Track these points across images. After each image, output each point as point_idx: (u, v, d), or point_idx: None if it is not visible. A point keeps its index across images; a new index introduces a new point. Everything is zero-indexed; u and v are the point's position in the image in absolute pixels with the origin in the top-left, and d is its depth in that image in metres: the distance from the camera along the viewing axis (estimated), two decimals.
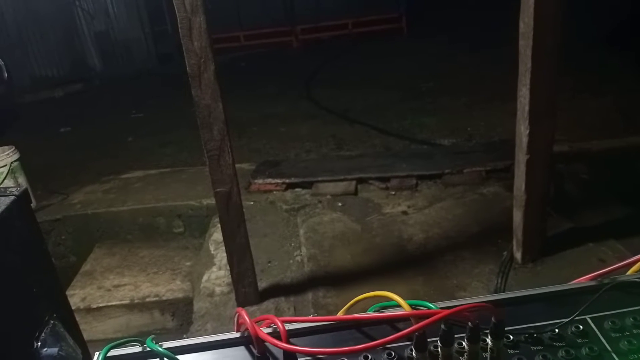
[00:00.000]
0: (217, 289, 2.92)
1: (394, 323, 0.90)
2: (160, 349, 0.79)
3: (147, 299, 3.37)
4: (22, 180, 4.27)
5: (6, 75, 7.16)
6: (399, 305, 0.93)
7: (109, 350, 0.81)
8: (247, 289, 2.66)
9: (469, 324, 0.77)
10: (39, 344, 1.69)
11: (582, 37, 5.57)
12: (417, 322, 0.75)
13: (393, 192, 3.63)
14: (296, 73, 7.91)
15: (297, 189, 3.93)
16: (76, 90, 8.91)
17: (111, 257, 3.87)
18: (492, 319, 0.78)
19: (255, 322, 0.82)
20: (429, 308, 0.80)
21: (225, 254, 3.20)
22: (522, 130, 2.46)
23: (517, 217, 2.66)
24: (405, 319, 0.88)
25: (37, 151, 5.46)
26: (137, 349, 0.91)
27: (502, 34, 7.16)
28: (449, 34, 8.11)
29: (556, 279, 2.62)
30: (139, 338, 0.93)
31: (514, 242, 2.75)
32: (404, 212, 3.38)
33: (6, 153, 4.26)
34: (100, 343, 2.17)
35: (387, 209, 3.46)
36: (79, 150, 5.89)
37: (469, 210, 3.29)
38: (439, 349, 0.79)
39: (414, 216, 3.32)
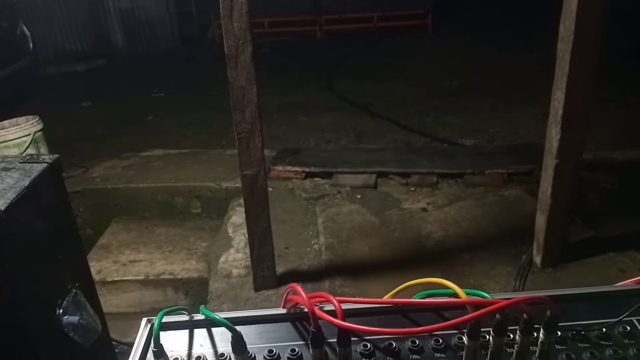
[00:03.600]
0: (235, 271, 2.94)
1: (442, 310, 0.90)
2: (217, 316, 0.80)
3: (162, 276, 3.40)
4: (44, 150, 4.30)
5: (32, 46, 7.22)
6: (446, 294, 0.94)
7: (163, 316, 0.82)
8: (265, 272, 2.68)
9: (524, 315, 0.77)
10: (61, 311, 1.72)
11: (612, 48, 5.53)
12: (474, 311, 0.76)
13: (413, 188, 3.63)
14: (319, 63, 7.90)
15: (316, 179, 3.94)
16: (98, 66, 8.95)
17: (128, 232, 3.90)
18: (547, 313, 0.78)
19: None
20: (484, 297, 0.80)
21: (243, 237, 3.23)
22: (553, 135, 2.44)
23: (540, 221, 2.65)
24: (453, 307, 0.89)
25: (57, 123, 5.47)
26: (184, 317, 0.92)
27: (532, 39, 7.16)
28: (477, 34, 8.06)
29: (575, 286, 2.62)
30: (187, 307, 0.94)
31: (535, 246, 2.74)
32: (424, 209, 3.38)
33: (30, 122, 4.29)
34: (112, 316, 2.18)
35: (407, 204, 3.46)
36: (100, 125, 5.93)
37: (489, 211, 3.28)
38: (491, 338, 0.80)
39: (433, 213, 3.31)
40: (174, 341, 0.88)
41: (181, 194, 3.99)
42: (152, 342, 0.88)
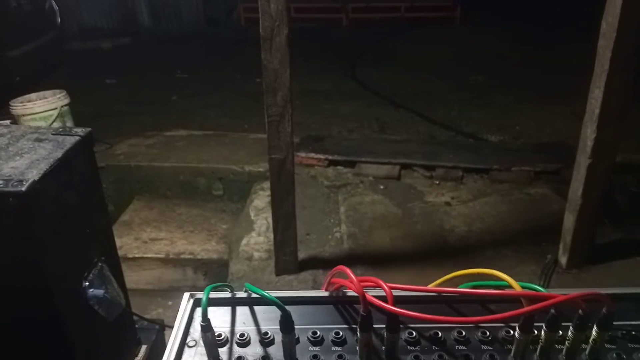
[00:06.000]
0: (256, 254, 2.95)
1: (490, 302, 0.89)
2: (267, 294, 0.79)
3: (182, 256, 3.43)
4: (69, 124, 4.34)
5: (59, 20, 7.26)
6: (492, 286, 0.92)
7: (210, 292, 0.81)
8: (287, 257, 2.68)
9: (580, 312, 0.75)
10: (87, 283, 1.73)
11: None
12: (529, 304, 0.74)
13: (437, 182, 3.60)
14: (343, 52, 7.83)
15: (339, 167, 3.93)
16: (123, 44, 8.96)
17: (149, 210, 3.93)
18: (603, 310, 0.76)
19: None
20: (539, 291, 0.78)
21: (265, 222, 3.24)
22: (589, 134, 2.40)
23: (569, 221, 2.61)
24: (504, 300, 0.87)
25: (82, 99, 5.48)
26: (227, 294, 0.91)
27: (566, 34, 7.02)
28: (507, 28, 7.93)
29: (600, 288, 2.58)
30: (229, 284, 0.94)
31: (561, 246, 2.70)
32: (447, 203, 3.35)
33: (57, 96, 4.33)
34: (132, 293, 2.18)
35: (430, 197, 3.43)
36: (124, 103, 5.95)
37: (514, 208, 3.24)
38: (543, 333, 0.78)
39: (457, 208, 3.28)
40: (217, 317, 0.87)
41: (204, 175, 4.00)
42: (193, 317, 0.88)
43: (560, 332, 0.81)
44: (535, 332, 0.80)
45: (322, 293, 0.90)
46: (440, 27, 8.81)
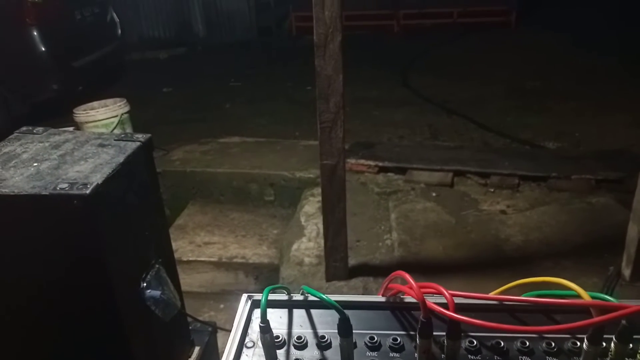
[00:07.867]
0: (306, 259, 2.96)
1: (555, 312, 0.86)
2: (326, 297, 0.78)
3: (234, 260, 3.48)
4: (129, 131, 4.50)
5: (120, 32, 7.57)
6: (557, 296, 0.89)
7: (269, 293, 0.82)
8: (338, 263, 2.68)
9: None
10: (145, 284, 1.78)
11: None
12: (599, 314, 0.71)
13: (492, 190, 3.51)
14: (394, 59, 7.79)
15: (389, 173, 3.89)
16: (179, 54, 9.25)
17: (203, 215, 4.02)
18: None
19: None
20: (609, 301, 0.75)
21: (315, 227, 3.25)
22: None
23: (633, 231, 2.49)
24: (570, 310, 0.84)
25: (140, 107, 5.69)
26: (284, 296, 0.92)
27: (629, 39, 6.73)
28: (566, 33, 7.69)
29: None
30: (286, 286, 0.94)
31: (624, 258, 2.58)
32: (503, 212, 3.26)
33: (118, 104, 4.50)
34: (185, 295, 2.22)
35: (485, 205, 3.35)
36: (180, 110, 6.14)
37: (574, 218, 3.12)
38: (613, 345, 0.74)
39: (513, 217, 3.19)
40: (274, 319, 0.88)
41: (256, 181, 4.06)
42: (251, 318, 0.89)
43: (631, 345, 0.77)
44: (604, 344, 0.76)
45: (380, 298, 0.89)
46: (494, 32, 8.64)
